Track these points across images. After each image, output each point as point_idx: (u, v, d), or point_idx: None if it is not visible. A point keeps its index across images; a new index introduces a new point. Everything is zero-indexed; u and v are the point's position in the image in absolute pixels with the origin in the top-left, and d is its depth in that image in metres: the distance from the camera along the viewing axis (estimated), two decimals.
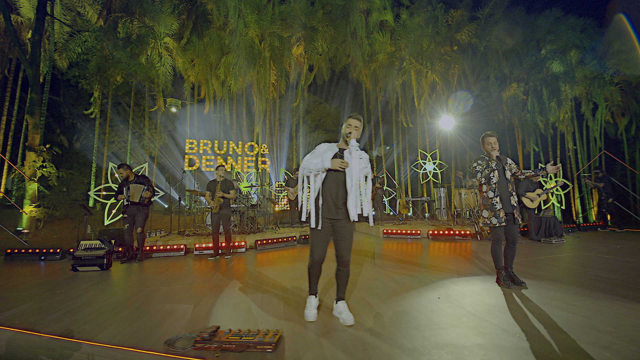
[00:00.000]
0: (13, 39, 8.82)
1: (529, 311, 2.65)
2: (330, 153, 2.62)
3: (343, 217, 2.56)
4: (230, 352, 2.12)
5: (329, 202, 2.57)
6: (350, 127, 2.62)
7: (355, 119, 2.65)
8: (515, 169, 3.58)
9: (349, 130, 2.60)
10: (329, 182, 2.58)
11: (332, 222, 2.59)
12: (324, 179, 2.59)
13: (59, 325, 2.71)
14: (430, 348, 2.07)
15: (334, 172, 2.57)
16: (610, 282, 3.43)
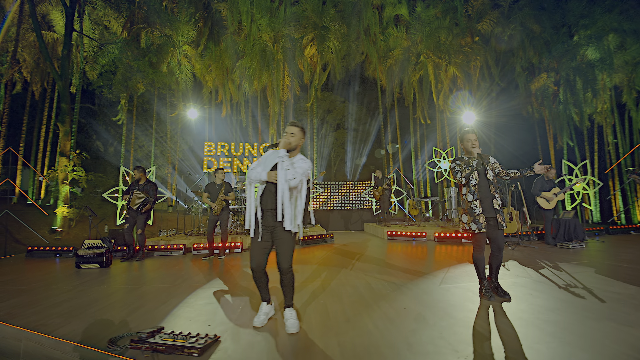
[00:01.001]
0: (44, 54, 9.70)
1: (496, 329, 2.40)
2: (271, 161, 2.60)
3: (279, 225, 2.49)
4: (160, 354, 2.15)
5: (266, 212, 2.54)
6: (286, 135, 2.59)
7: (290, 126, 2.62)
8: (499, 169, 3.27)
9: (284, 138, 2.56)
10: (266, 192, 2.55)
11: (271, 230, 2.55)
12: (263, 189, 2.57)
13: (33, 318, 2.91)
14: None
15: (270, 183, 2.53)
16: (616, 299, 3.01)
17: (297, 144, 2.62)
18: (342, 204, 11.32)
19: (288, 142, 2.55)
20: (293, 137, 2.58)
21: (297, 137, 2.61)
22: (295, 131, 2.60)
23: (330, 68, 14.97)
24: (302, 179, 2.53)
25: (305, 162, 2.62)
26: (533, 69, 13.70)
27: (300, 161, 2.61)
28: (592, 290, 3.23)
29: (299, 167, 2.55)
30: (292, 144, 2.57)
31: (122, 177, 8.49)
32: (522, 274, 4.03)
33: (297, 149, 2.66)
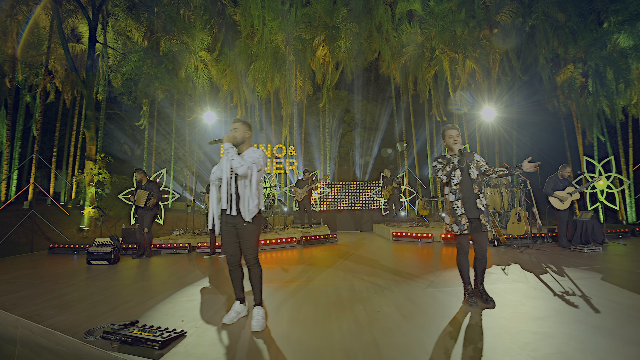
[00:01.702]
0: (70, 65, 10.46)
1: (464, 338, 2.29)
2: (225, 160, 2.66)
3: (238, 219, 2.57)
4: (126, 345, 2.27)
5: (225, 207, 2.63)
6: (231, 131, 2.70)
7: (234, 122, 2.73)
8: (485, 167, 3.07)
9: (229, 133, 2.68)
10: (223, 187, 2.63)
11: (233, 225, 2.63)
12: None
13: (32, 308, 3.15)
14: None
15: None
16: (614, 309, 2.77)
17: (243, 138, 2.71)
18: (352, 204, 11.23)
19: (233, 137, 2.66)
20: (237, 132, 2.69)
21: (240, 132, 2.70)
22: (238, 126, 2.71)
23: (342, 67, 14.92)
24: (251, 166, 2.57)
25: (255, 152, 2.69)
26: (558, 61, 12.87)
27: (250, 151, 2.70)
28: (590, 298, 2.99)
29: (248, 156, 2.63)
30: (237, 138, 2.68)
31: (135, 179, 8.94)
32: (519, 279, 3.81)
33: (246, 142, 2.75)
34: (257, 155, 2.66)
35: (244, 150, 2.71)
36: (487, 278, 3.83)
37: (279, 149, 14.62)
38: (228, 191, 2.59)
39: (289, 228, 8.49)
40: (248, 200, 2.58)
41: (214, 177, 2.70)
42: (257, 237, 2.69)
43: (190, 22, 13.81)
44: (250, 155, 2.63)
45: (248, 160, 2.57)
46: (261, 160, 2.67)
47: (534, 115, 13.54)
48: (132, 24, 13.32)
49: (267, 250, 6.48)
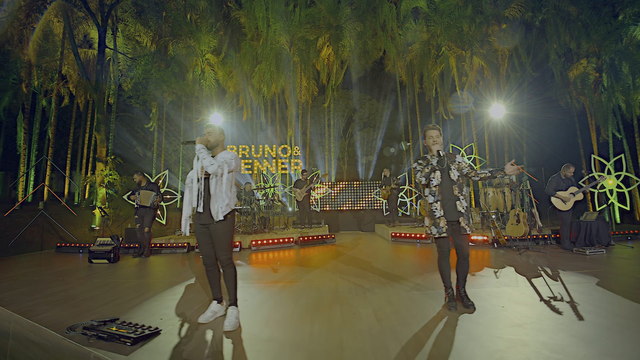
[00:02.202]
0: (81, 70, 10.86)
1: (432, 344, 2.26)
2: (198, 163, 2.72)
3: (209, 220, 2.62)
4: (102, 340, 2.36)
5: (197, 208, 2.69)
6: (205, 135, 2.77)
7: (209, 127, 2.81)
8: (467, 168, 3.00)
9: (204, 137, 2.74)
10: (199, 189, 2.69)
11: (206, 226, 2.67)
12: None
13: (27, 304, 3.30)
14: None
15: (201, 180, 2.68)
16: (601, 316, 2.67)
17: (217, 141, 2.76)
18: (355, 204, 11.18)
19: (206, 140, 2.72)
20: (210, 136, 2.75)
21: (214, 135, 2.76)
22: (211, 130, 2.78)
23: (346, 67, 14.87)
24: (221, 165, 2.61)
25: (228, 154, 2.74)
26: (570, 56, 12.42)
27: (223, 153, 2.75)
28: (578, 305, 2.87)
29: (220, 157, 2.69)
30: (210, 142, 2.74)
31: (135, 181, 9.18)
32: (509, 282, 3.71)
33: (220, 145, 2.81)
34: (229, 156, 2.71)
35: (217, 153, 2.77)
36: (476, 281, 3.77)
37: (283, 149, 14.72)
38: (199, 191, 2.65)
39: (289, 228, 8.53)
40: (218, 200, 2.62)
41: (188, 180, 2.78)
42: (229, 238, 2.72)
43: (196, 25, 14.07)
44: (223, 156, 2.68)
45: (219, 160, 2.63)
46: (233, 161, 2.70)
47: (545, 112, 13.11)
48: (141, 29, 13.69)
49: (264, 251, 6.54)
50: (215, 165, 2.57)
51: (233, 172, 2.75)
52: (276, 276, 4.29)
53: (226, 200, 2.66)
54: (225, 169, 2.64)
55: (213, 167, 2.56)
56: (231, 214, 2.74)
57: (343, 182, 11.48)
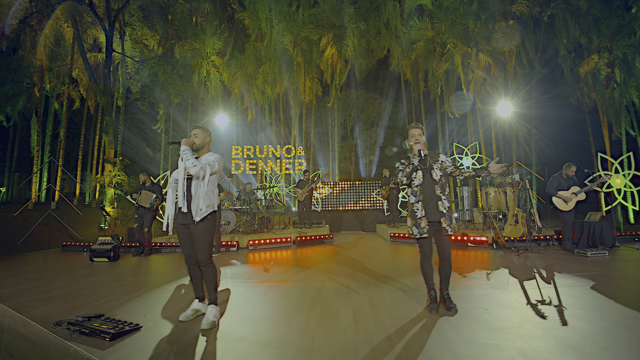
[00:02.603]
0: (89, 74, 11.18)
1: (402, 347, 2.24)
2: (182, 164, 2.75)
3: (190, 220, 2.66)
4: (84, 335, 2.44)
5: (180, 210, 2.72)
6: (191, 137, 2.82)
7: (194, 129, 2.85)
8: (450, 168, 2.94)
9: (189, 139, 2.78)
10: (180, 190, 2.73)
11: (186, 225, 2.71)
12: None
13: (23, 300, 3.43)
14: None
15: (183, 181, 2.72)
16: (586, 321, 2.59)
17: (202, 143, 2.82)
18: (357, 203, 11.12)
19: (192, 142, 2.77)
20: (197, 138, 2.81)
21: (200, 137, 2.82)
22: (197, 132, 2.83)
23: (349, 66, 14.81)
24: (204, 167, 2.66)
25: (212, 156, 2.80)
26: (581, 51, 12.03)
27: (207, 155, 2.81)
28: (565, 309, 2.77)
29: (204, 159, 2.74)
30: (196, 144, 2.79)
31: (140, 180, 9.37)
32: (499, 284, 3.63)
33: (206, 147, 2.87)
34: (213, 158, 2.76)
35: (202, 155, 2.82)
36: (466, 283, 3.70)
37: (288, 149, 14.78)
38: (185, 193, 2.69)
39: (289, 228, 8.57)
40: (199, 201, 2.66)
41: (171, 180, 2.83)
42: (209, 238, 2.75)
43: (202, 28, 14.28)
44: (206, 159, 2.74)
45: (202, 162, 2.67)
46: (216, 163, 2.76)
47: (555, 110, 12.75)
48: (148, 32, 13.98)
49: (261, 250, 6.59)
50: (198, 167, 2.62)
51: (216, 174, 2.80)
52: (266, 276, 4.32)
53: (207, 202, 2.70)
54: (207, 171, 2.69)
55: (195, 168, 2.61)
56: (212, 214, 2.78)
57: (345, 182, 11.43)
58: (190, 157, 2.66)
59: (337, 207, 10.96)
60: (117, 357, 2.14)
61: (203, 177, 2.67)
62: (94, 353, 2.21)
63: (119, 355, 2.16)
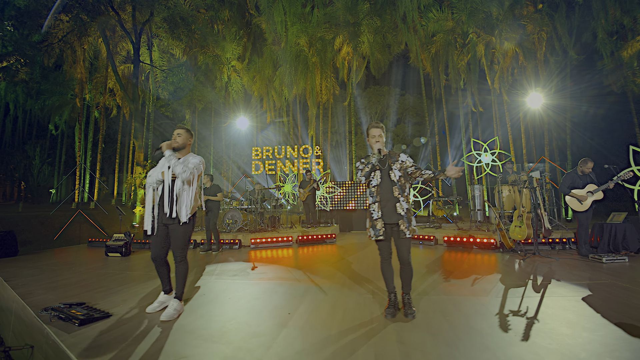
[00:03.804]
0: (120, 84, 12.17)
1: (332, 351, 2.20)
2: (163, 163, 2.89)
3: (172, 221, 2.80)
4: (61, 320, 2.72)
5: (162, 210, 2.84)
6: (173, 137, 2.90)
7: (177, 129, 2.94)
8: (411, 168, 2.80)
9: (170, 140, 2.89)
10: (164, 193, 2.86)
11: (166, 224, 2.85)
12: (161, 190, 2.89)
13: (31, 287, 3.86)
14: None
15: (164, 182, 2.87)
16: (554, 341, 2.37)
17: (184, 143, 2.93)
18: None
19: (174, 142, 2.88)
20: (180, 137, 2.91)
21: (183, 138, 2.92)
22: (181, 132, 2.93)
23: (365, 64, 14.58)
24: (193, 172, 2.80)
25: (195, 158, 2.91)
26: (624, 32, 10.76)
27: (190, 157, 2.91)
28: (537, 322, 2.50)
29: (190, 162, 2.84)
30: (179, 143, 2.90)
31: None
32: (479, 291, 3.40)
33: (187, 148, 2.97)
34: (197, 160, 2.89)
35: (184, 155, 2.93)
36: (445, 288, 3.51)
37: (305, 149, 14.93)
38: (168, 192, 2.81)
39: (296, 227, 8.67)
40: (184, 203, 2.80)
41: (151, 180, 2.93)
42: (188, 237, 2.91)
43: (222, 35, 14.89)
44: (191, 161, 2.85)
45: (190, 167, 2.79)
46: (200, 165, 2.91)
47: (592, 99, 11.51)
48: (174, 42, 14.87)
49: (262, 249, 6.75)
50: (188, 172, 2.75)
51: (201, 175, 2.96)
52: (250, 274, 4.43)
53: (192, 203, 2.85)
54: (196, 174, 2.85)
55: (186, 174, 2.74)
56: (194, 215, 2.93)
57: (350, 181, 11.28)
58: (178, 162, 2.79)
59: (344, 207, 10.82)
60: (77, 339, 2.36)
61: (190, 183, 2.82)
62: (60, 335, 2.47)
63: (80, 338, 2.39)
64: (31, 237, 9.77)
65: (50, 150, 16.81)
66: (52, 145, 16.83)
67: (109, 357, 2.09)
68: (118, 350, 2.17)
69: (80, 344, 2.30)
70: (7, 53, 10.20)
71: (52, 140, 16.86)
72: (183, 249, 2.87)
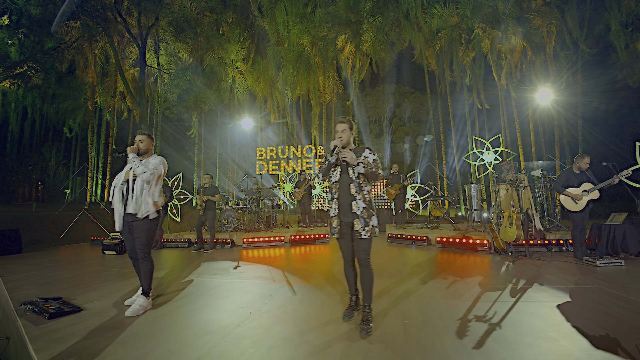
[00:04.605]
0: (127, 88, 12.53)
1: (253, 349, 2.19)
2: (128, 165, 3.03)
3: (135, 219, 2.94)
4: (34, 314, 2.85)
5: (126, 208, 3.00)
6: (135, 142, 3.05)
7: (140, 135, 3.10)
8: (373, 165, 2.62)
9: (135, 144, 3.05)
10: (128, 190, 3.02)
11: (130, 222, 2.98)
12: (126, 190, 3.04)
13: (22, 282, 4.04)
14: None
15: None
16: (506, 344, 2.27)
17: (147, 148, 3.10)
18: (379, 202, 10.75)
19: (137, 147, 3.04)
20: (142, 143, 3.08)
21: (145, 143, 3.09)
22: (143, 138, 3.10)
23: (367, 63, 14.44)
24: (153, 172, 2.97)
25: (155, 159, 3.08)
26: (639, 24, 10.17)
27: (151, 159, 3.09)
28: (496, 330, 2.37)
29: (151, 163, 3.02)
30: (141, 149, 3.06)
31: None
32: (452, 294, 3.29)
33: (150, 151, 3.15)
34: (157, 161, 3.06)
35: (147, 158, 3.11)
36: (417, 290, 3.41)
37: (308, 149, 14.94)
38: (131, 191, 2.97)
39: (292, 227, 8.68)
40: (144, 201, 2.94)
41: (117, 181, 3.11)
42: (148, 234, 2.99)
43: (226, 38, 15.10)
44: (152, 162, 3.03)
45: (150, 167, 2.96)
46: (161, 165, 3.07)
47: (605, 95, 10.95)
48: (181, 46, 15.21)
49: (254, 248, 6.78)
50: (148, 173, 2.92)
51: (161, 176, 3.08)
52: (231, 273, 4.46)
53: (151, 201, 2.96)
54: (155, 174, 2.99)
55: (146, 174, 2.92)
56: (157, 213, 3.02)
57: None
58: (139, 164, 2.94)
59: None
60: (42, 332, 2.49)
61: (148, 182, 2.95)
62: (27, 327, 2.60)
63: (44, 330, 2.51)
64: (42, 235, 10.20)
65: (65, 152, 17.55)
66: (67, 148, 17.58)
67: (63, 348, 2.17)
68: (73, 343, 2.25)
69: (43, 337, 2.41)
70: (21, 60, 10.72)
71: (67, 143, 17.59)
72: (145, 246, 2.98)
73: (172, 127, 19.58)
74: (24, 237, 9.31)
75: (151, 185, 2.96)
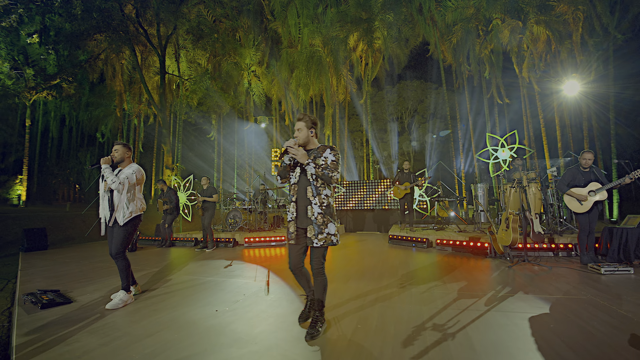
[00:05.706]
0: (148, 94, 13.30)
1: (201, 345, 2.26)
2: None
3: (114, 223, 3.19)
4: (32, 304, 3.16)
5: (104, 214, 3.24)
6: (112, 152, 3.23)
7: (116, 145, 3.32)
8: (330, 166, 2.39)
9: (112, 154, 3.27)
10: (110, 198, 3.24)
11: (111, 227, 3.22)
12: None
13: (35, 277, 4.44)
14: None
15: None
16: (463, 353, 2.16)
17: (122, 157, 3.30)
18: (380, 203, 10.62)
19: (112, 157, 3.25)
20: (117, 152, 3.29)
21: (120, 152, 3.29)
22: (118, 148, 3.31)
23: (380, 60, 14.18)
24: (123, 181, 3.14)
25: (130, 168, 3.27)
26: None
27: (126, 168, 3.27)
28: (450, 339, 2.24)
29: (123, 173, 3.21)
30: (116, 158, 3.27)
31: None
32: (423, 300, 3.18)
33: (126, 160, 3.34)
34: (130, 171, 3.24)
35: (125, 167, 3.31)
36: (390, 296, 3.33)
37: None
38: (108, 201, 3.20)
39: None
40: (121, 210, 3.17)
41: (100, 189, 3.35)
42: (124, 238, 3.21)
43: (241, 43, 15.54)
44: (124, 172, 3.23)
45: (121, 177, 3.15)
46: (134, 175, 3.24)
47: None
48: (200, 52, 15.88)
49: (255, 247, 6.95)
50: (117, 183, 3.12)
51: (136, 184, 3.27)
52: (221, 271, 4.62)
53: (127, 210, 3.18)
54: (126, 184, 3.17)
55: (115, 184, 3.11)
56: (134, 219, 3.23)
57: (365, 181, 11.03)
58: (109, 174, 3.14)
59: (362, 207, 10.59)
60: (31, 319, 2.77)
61: (122, 191, 3.15)
62: (21, 315, 2.91)
63: (34, 318, 2.80)
64: (74, 233, 11.14)
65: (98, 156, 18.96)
66: (100, 152, 19.05)
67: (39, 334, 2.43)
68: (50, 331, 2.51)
69: (31, 324, 2.68)
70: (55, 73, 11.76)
71: (100, 147, 19.05)
72: (119, 247, 3.19)
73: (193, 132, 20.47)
74: (56, 235, 10.23)
75: (123, 193, 3.14)
